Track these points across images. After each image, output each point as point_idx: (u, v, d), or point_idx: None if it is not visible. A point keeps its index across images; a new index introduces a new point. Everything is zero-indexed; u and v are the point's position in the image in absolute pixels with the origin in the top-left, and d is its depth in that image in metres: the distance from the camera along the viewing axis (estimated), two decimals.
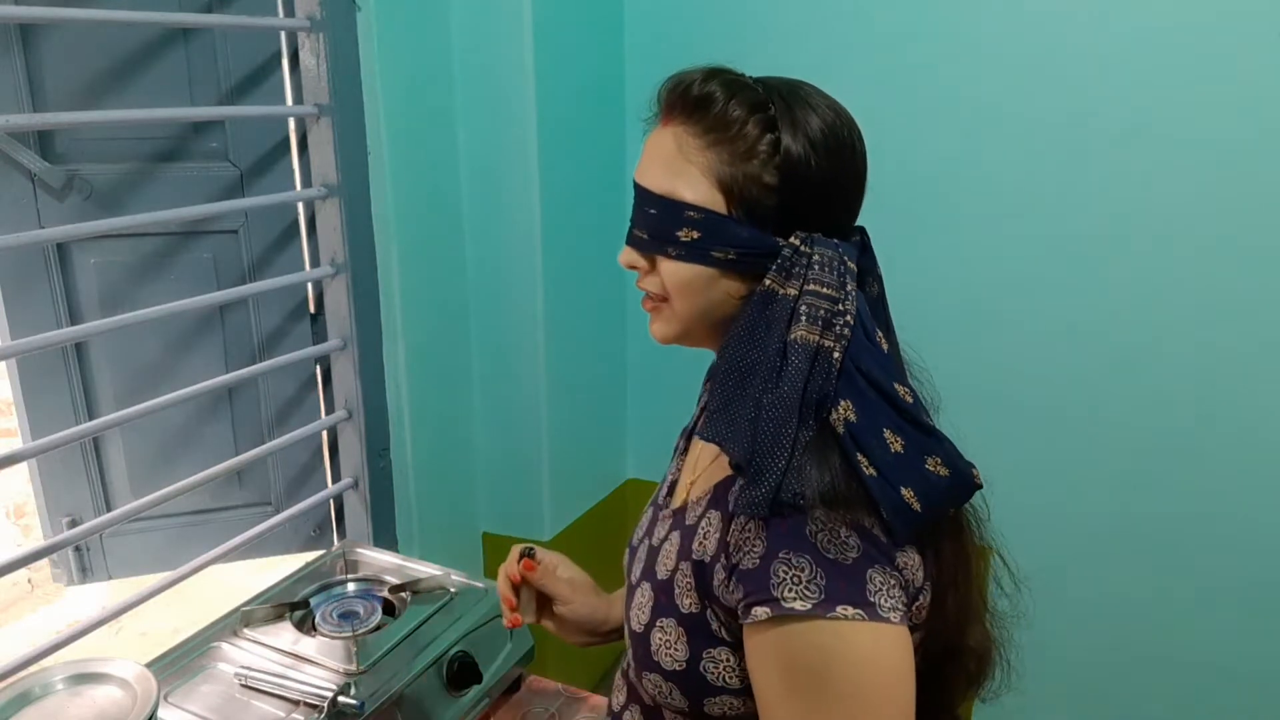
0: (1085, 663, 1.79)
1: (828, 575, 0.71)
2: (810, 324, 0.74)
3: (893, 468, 0.72)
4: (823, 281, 0.75)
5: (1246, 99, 1.51)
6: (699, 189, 0.77)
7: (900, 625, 0.72)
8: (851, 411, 0.73)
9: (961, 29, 1.64)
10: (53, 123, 1.25)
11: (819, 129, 0.76)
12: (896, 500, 0.71)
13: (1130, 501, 1.71)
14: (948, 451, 0.74)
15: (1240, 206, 1.55)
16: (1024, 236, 1.67)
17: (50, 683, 0.92)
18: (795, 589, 0.71)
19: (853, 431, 0.72)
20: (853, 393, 0.73)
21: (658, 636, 0.83)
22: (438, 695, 1.15)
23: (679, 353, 2.22)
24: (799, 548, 0.72)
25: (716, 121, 0.77)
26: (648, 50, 1.90)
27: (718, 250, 0.77)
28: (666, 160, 0.79)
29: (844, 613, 0.70)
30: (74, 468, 1.40)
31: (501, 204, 1.69)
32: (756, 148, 0.76)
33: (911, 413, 0.75)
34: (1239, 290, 1.58)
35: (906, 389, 0.76)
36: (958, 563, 0.79)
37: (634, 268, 0.84)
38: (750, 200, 0.76)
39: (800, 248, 0.76)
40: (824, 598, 0.70)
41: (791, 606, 0.70)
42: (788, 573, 0.71)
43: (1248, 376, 1.60)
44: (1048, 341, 1.70)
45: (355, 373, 1.50)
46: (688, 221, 0.77)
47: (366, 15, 1.40)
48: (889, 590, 0.72)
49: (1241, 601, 1.68)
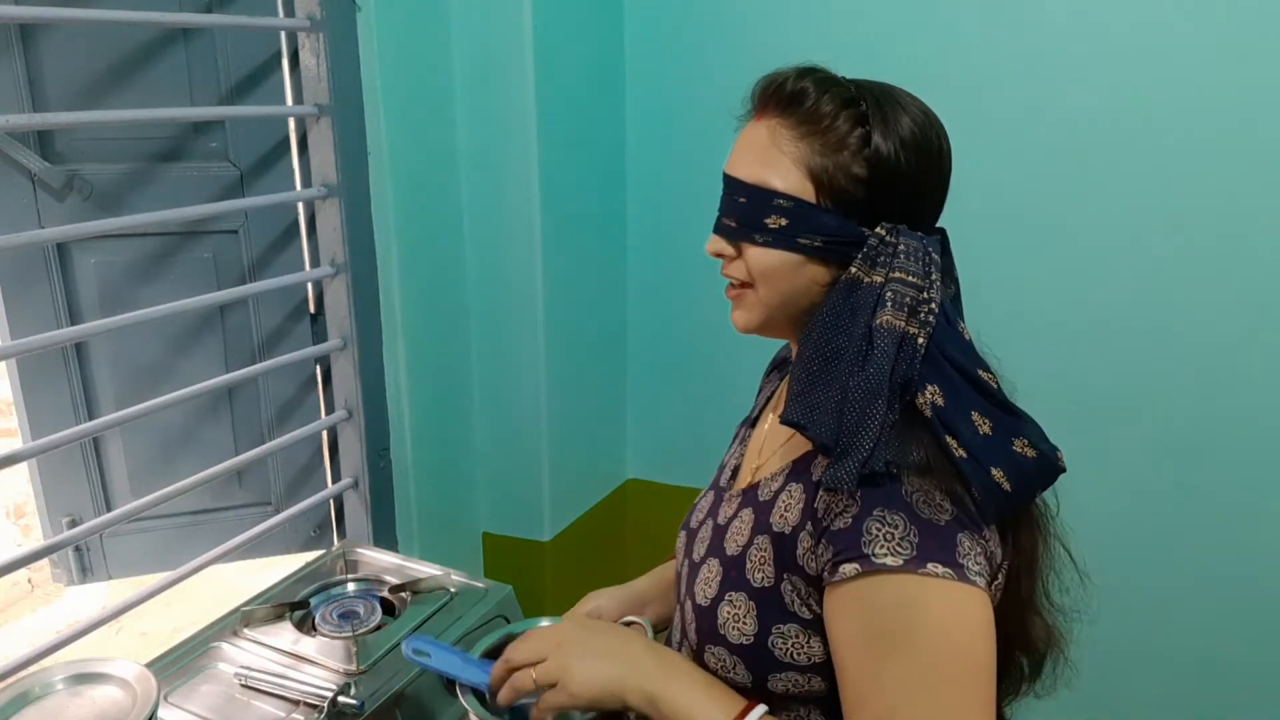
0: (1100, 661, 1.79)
1: (921, 534, 0.73)
2: (896, 310, 0.76)
3: (982, 449, 0.74)
4: (908, 270, 0.78)
5: (1254, 97, 1.51)
6: (790, 178, 0.80)
7: (985, 591, 0.74)
8: (939, 395, 0.75)
9: (962, 28, 1.64)
10: (53, 123, 1.25)
11: (908, 126, 0.79)
12: (987, 480, 0.74)
13: (1137, 500, 1.71)
14: (1033, 433, 0.77)
15: (1247, 205, 1.55)
16: (1032, 235, 1.68)
17: (50, 683, 0.92)
18: (888, 545, 0.73)
19: (940, 415, 0.75)
20: (939, 378, 0.76)
21: (726, 610, 0.84)
22: (438, 695, 1.15)
23: (679, 353, 2.22)
24: (894, 506, 0.74)
25: (809, 115, 0.80)
26: (648, 50, 1.90)
27: (804, 237, 0.80)
28: (759, 152, 0.82)
29: (934, 570, 0.72)
30: (74, 468, 1.40)
31: (502, 204, 1.69)
32: (847, 140, 0.79)
33: (997, 396, 0.77)
34: (1249, 289, 1.58)
35: (990, 375, 0.78)
36: (1033, 551, 0.82)
37: (720, 255, 0.86)
38: (839, 190, 0.79)
39: (886, 238, 0.79)
40: (916, 554, 0.72)
41: (883, 562, 0.72)
42: (880, 529, 0.73)
43: (1255, 374, 1.60)
44: (1048, 341, 1.70)
45: (355, 373, 1.50)
46: (776, 209, 0.80)
47: (366, 15, 1.40)
48: (976, 556, 0.74)
49: (1243, 599, 1.68)
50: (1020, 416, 0.77)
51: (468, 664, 0.92)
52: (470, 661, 0.92)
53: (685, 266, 1.96)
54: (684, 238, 1.94)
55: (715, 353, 1.95)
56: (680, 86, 1.88)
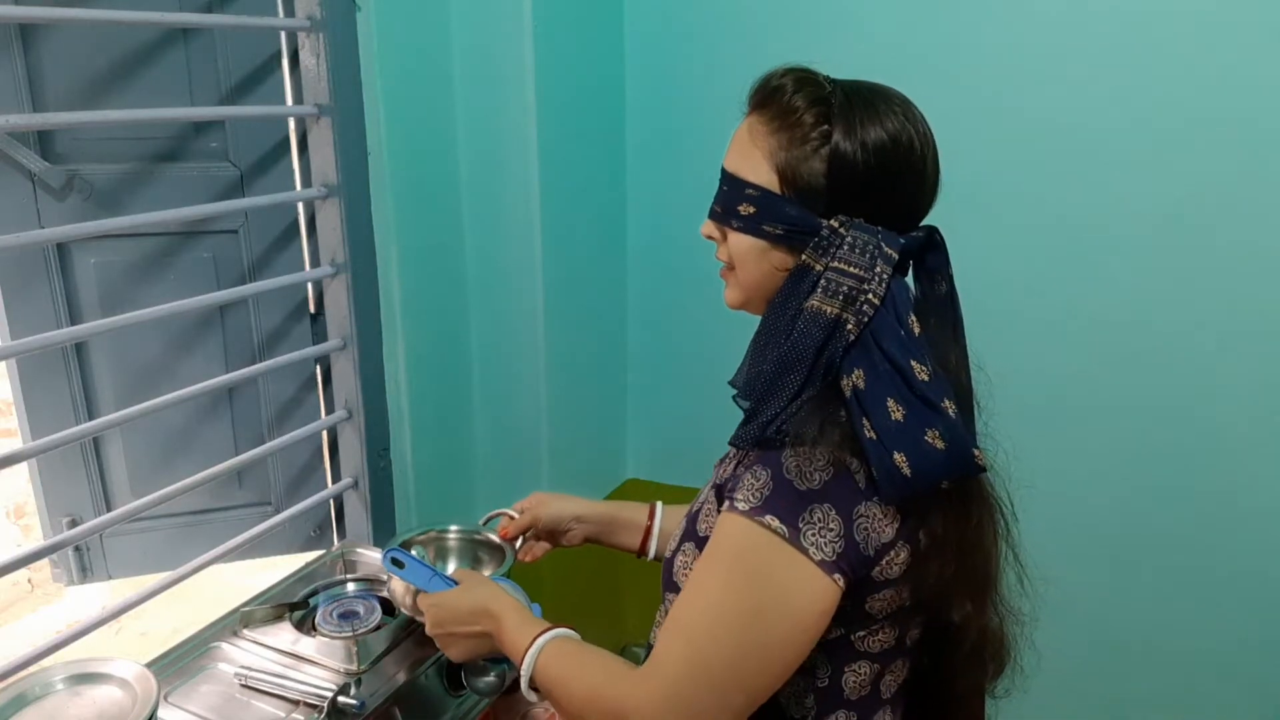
0: (1086, 661, 1.80)
1: (775, 491, 0.80)
2: (826, 296, 0.82)
3: (890, 434, 0.79)
4: (850, 261, 0.82)
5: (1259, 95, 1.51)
6: (759, 170, 0.86)
7: (815, 564, 0.79)
8: (861, 380, 0.80)
9: (962, 27, 1.64)
10: (53, 123, 1.25)
11: (875, 128, 0.83)
12: (887, 462, 0.78)
13: (1131, 501, 1.71)
14: (950, 428, 0.79)
15: (1249, 204, 1.55)
16: (1027, 234, 1.68)
17: (50, 683, 0.92)
18: (745, 493, 0.81)
19: (859, 397, 0.80)
20: (866, 364, 0.81)
21: (679, 560, 0.93)
22: (438, 695, 1.16)
23: (679, 353, 2.22)
24: (767, 464, 0.82)
25: (781, 110, 0.85)
26: (648, 50, 1.90)
27: (769, 225, 0.86)
28: (740, 145, 0.89)
29: (769, 522, 0.79)
30: (74, 468, 1.40)
31: (502, 204, 1.69)
32: (809, 135, 0.83)
33: (920, 388, 0.80)
34: (1250, 290, 1.57)
35: (925, 368, 0.80)
36: (949, 538, 0.85)
37: (711, 238, 0.93)
38: (801, 183, 0.84)
39: (838, 229, 0.83)
40: (761, 505, 0.80)
41: (737, 505, 0.81)
42: (749, 480, 0.82)
43: (1240, 372, 1.60)
44: (1046, 341, 1.70)
45: (355, 373, 1.50)
46: (747, 198, 0.86)
47: (366, 15, 1.40)
48: (823, 529, 0.79)
49: (1244, 597, 1.68)
50: (939, 411, 0.80)
51: (433, 579, 1.06)
52: (437, 576, 1.06)
53: (685, 267, 1.96)
54: (684, 239, 1.93)
55: (715, 353, 1.94)
56: (680, 90, 1.88)
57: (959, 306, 0.91)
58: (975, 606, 0.88)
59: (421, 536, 1.28)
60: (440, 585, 1.05)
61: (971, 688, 0.94)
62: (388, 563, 1.07)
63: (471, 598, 1.01)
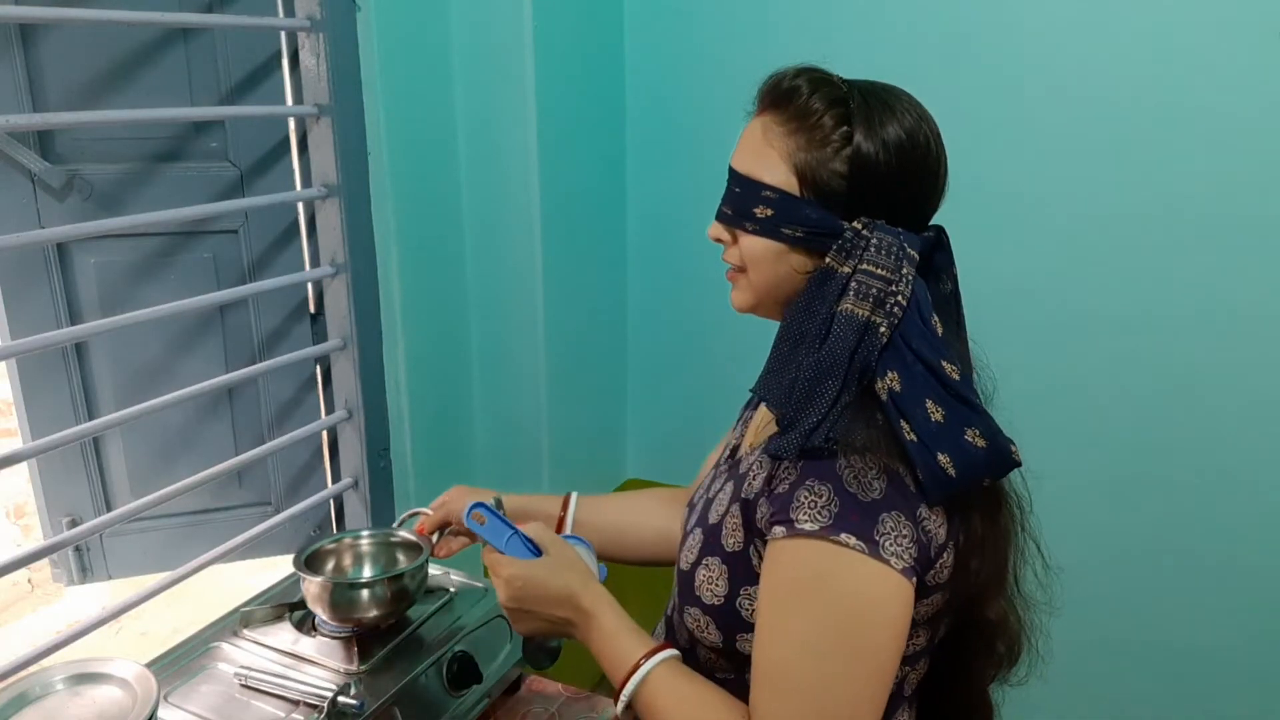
0: (1103, 655, 1.80)
1: (843, 505, 0.78)
2: (859, 299, 0.81)
3: (932, 435, 0.78)
4: (877, 263, 0.81)
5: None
6: (776, 172, 0.84)
7: (899, 572, 0.77)
8: (897, 382, 0.79)
9: (964, 26, 1.64)
10: (53, 123, 1.24)
11: (895, 127, 0.82)
12: (932, 464, 0.77)
13: (1130, 496, 1.71)
14: (988, 426, 0.79)
15: (1250, 204, 1.55)
16: (1026, 233, 1.68)
17: (50, 683, 0.92)
18: (810, 512, 0.78)
19: (896, 400, 0.79)
20: (899, 365, 0.80)
21: (702, 574, 0.90)
22: (438, 695, 1.15)
23: (679, 353, 2.22)
24: (824, 478, 0.79)
25: (798, 112, 0.84)
26: (648, 50, 1.90)
27: (788, 227, 0.84)
28: (753, 145, 0.87)
29: (846, 540, 0.77)
30: (74, 468, 1.40)
31: (502, 204, 1.69)
32: (830, 137, 0.82)
33: (956, 388, 0.79)
34: (1251, 288, 1.58)
35: (954, 367, 0.80)
36: (986, 536, 0.84)
37: (719, 240, 0.91)
38: (821, 185, 0.83)
39: (861, 231, 0.82)
40: (832, 523, 0.77)
41: (802, 527, 0.78)
42: (808, 497, 0.79)
43: (1238, 370, 1.60)
44: (1046, 340, 1.71)
45: (355, 373, 1.50)
46: (764, 200, 0.85)
47: (366, 15, 1.40)
48: (898, 536, 0.78)
49: (1244, 597, 1.68)
50: (976, 409, 0.80)
51: (510, 539, 1.00)
52: (515, 535, 1.01)
53: (686, 267, 1.96)
54: (684, 239, 1.94)
55: (716, 353, 1.95)
56: (680, 89, 1.88)
57: (962, 305, 0.91)
58: (1006, 602, 0.88)
59: (331, 545, 1.22)
60: (518, 546, 0.99)
61: (987, 678, 0.94)
62: (467, 518, 1.01)
63: (562, 581, 0.93)
